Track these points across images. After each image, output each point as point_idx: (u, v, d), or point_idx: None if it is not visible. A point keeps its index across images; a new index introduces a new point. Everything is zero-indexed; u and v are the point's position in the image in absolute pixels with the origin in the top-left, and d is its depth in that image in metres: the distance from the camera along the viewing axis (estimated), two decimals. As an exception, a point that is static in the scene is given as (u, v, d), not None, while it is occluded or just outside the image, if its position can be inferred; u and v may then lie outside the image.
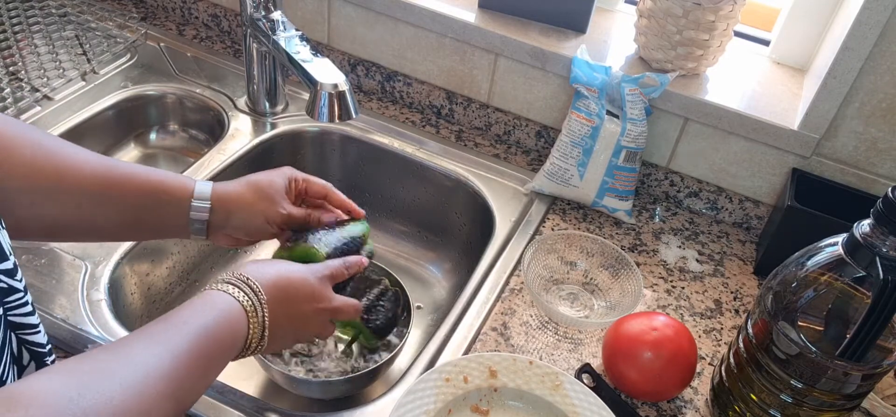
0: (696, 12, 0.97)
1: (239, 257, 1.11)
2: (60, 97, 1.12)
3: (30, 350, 0.54)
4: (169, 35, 1.32)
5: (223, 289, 0.59)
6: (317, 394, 0.87)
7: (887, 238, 0.62)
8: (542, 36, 1.10)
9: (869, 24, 0.88)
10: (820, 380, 0.68)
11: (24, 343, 0.53)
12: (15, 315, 0.52)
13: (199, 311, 0.56)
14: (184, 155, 1.24)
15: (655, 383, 0.79)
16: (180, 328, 0.54)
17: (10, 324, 0.52)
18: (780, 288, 0.70)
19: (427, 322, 1.07)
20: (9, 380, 0.50)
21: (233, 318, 0.58)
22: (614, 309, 0.93)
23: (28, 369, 0.55)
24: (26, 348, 0.54)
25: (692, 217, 1.11)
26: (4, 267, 0.50)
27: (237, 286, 0.60)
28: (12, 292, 0.51)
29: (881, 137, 0.96)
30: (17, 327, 0.52)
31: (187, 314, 0.55)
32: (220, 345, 0.56)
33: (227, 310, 0.58)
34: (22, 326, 0.52)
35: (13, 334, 0.52)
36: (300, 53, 0.91)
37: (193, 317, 0.55)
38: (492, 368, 0.79)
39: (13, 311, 0.51)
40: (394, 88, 1.25)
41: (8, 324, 0.51)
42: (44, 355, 0.55)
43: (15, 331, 0.52)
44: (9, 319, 0.51)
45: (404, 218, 1.19)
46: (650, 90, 1.02)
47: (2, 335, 0.50)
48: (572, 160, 1.04)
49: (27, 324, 0.53)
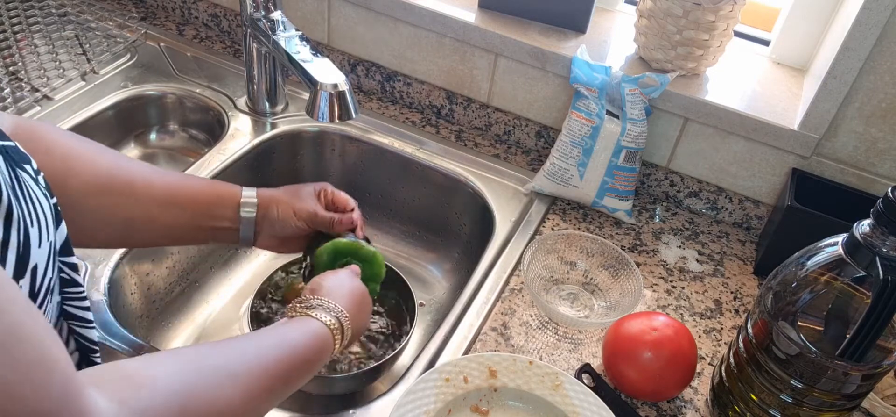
0: (696, 12, 0.97)
1: (239, 260, 1.11)
2: (60, 97, 1.12)
3: (79, 343, 0.57)
4: (169, 35, 1.32)
5: (316, 316, 0.65)
6: (317, 390, 0.87)
7: (887, 238, 0.62)
8: (542, 36, 1.10)
9: (869, 24, 0.88)
10: (820, 380, 0.68)
11: (73, 334, 0.56)
12: (72, 306, 0.54)
13: (289, 329, 0.62)
14: (184, 155, 1.24)
15: (655, 383, 0.79)
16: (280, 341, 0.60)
17: (65, 313, 0.54)
18: (780, 288, 0.70)
19: (427, 322, 1.07)
20: None
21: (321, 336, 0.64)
22: (614, 309, 0.93)
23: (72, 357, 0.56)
24: (75, 338, 0.56)
25: (692, 217, 1.11)
26: (70, 261, 0.53)
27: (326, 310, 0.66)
28: (73, 284, 0.54)
29: (881, 137, 0.96)
30: (71, 317, 0.55)
31: (285, 331, 0.62)
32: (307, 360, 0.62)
33: (317, 330, 0.64)
34: (77, 318, 0.55)
35: (66, 323, 0.55)
36: (300, 53, 0.91)
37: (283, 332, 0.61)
38: (492, 368, 0.79)
39: (71, 302, 0.54)
40: (394, 88, 1.25)
41: (63, 312, 0.54)
42: (92, 351, 0.58)
43: (68, 320, 0.55)
44: (65, 307, 0.54)
45: (404, 218, 1.19)
46: (650, 90, 1.02)
47: (55, 320, 0.53)
48: (572, 160, 1.04)
49: (82, 317, 0.56)
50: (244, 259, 1.12)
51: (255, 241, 0.79)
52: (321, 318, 0.64)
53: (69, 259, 0.53)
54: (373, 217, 1.20)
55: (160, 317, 0.99)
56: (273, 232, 0.79)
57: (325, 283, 0.69)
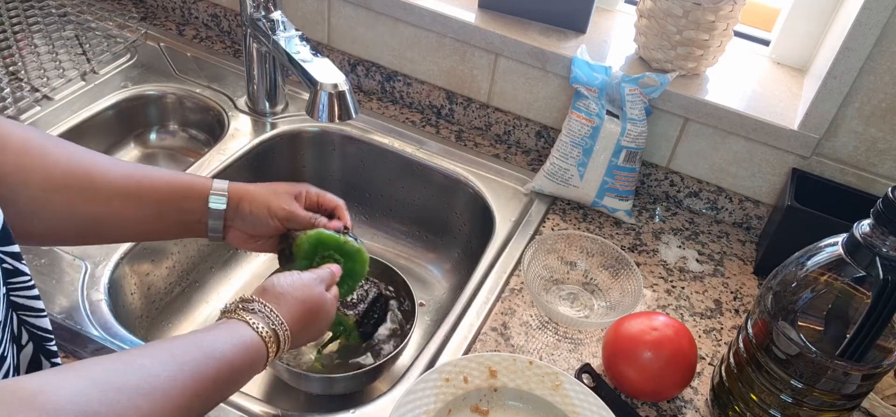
0: (696, 12, 0.97)
1: (238, 260, 1.11)
2: (60, 97, 1.12)
3: (31, 333, 0.56)
4: (169, 35, 1.32)
5: (243, 319, 0.61)
6: (318, 390, 0.87)
7: (887, 238, 0.62)
8: (542, 36, 1.10)
9: (869, 24, 0.88)
10: (820, 380, 0.68)
11: (24, 324, 0.55)
12: (19, 296, 0.53)
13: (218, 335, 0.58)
14: (184, 155, 1.24)
15: (655, 383, 0.79)
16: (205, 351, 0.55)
17: (13, 304, 0.53)
18: (780, 288, 0.70)
19: (427, 322, 1.07)
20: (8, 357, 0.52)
21: (253, 347, 0.60)
22: (614, 309, 0.93)
23: (25, 348, 0.56)
24: (27, 329, 0.55)
25: (692, 217, 1.11)
26: (11, 250, 0.52)
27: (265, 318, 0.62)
28: (18, 273, 0.53)
29: (881, 137, 0.96)
30: (19, 307, 0.54)
31: (213, 338, 0.57)
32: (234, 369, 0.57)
33: (247, 339, 0.59)
34: (25, 307, 0.54)
35: (14, 313, 0.54)
36: (300, 53, 0.91)
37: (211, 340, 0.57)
38: (492, 368, 0.79)
39: (17, 292, 0.53)
40: (394, 88, 1.25)
41: (10, 304, 0.53)
42: (46, 340, 0.57)
43: (17, 311, 0.54)
44: (11, 298, 0.53)
45: (404, 218, 1.19)
46: (650, 90, 1.02)
47: (4, 312, 0.51)
48: (572, 160, 1.04)
49: (30, 307, 0.55)
50: (244, 259, 1.12)
51: (225, 235, 0.75)
52: (256, 326, 0.60)
53: (10, 248, 0.51)
54: (373, 217, 1.20)
55: (160, 317, 0.99)
56: (244, 227, 0.75)
57: (278, 286, 0.65)
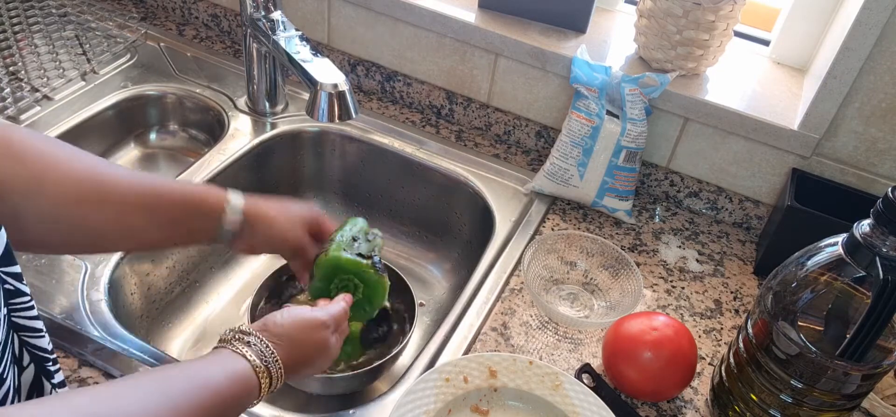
0: (696, 12, 0.97)
1: (238, 259, 1.11)
2: (60, 97, 1.12)
3: (32, 353, 0.55)
4: (169, 35, 1.32)
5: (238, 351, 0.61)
6: (318, 389, 0.87)
7: (887, 238, 0.62)
8: (542, 36, 1.10)
9: (869, 24, 0.88)
10: (820, 380, 0.68)
11: (25, 345, 0.54)
12: (20, 317, 0.53)
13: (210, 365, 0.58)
14: (184, 155, 1.24)
15: (655, 383, 0.79)
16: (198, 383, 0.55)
17: (14, 325, 0.53)
18: (780, 288, 0.70)
19: (427, 322, 1.07)
20: (8, 379, 0.51)
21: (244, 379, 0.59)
22: (614, 309, 0.93)
23: (27, 370, 0.56)
24: (28, 350, 0.55)
25: (692, 217, 1.11)
26: (12, 271, 0.52)
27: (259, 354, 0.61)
28: (19, 294, 0.52)
29: (881, 137, 0.96)
30: (20, 328, 0.53)
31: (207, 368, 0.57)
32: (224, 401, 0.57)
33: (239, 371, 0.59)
34: (26, 328, 0.54)
35: (16, 335, 0.53)
36: (300, 53, 0.91)
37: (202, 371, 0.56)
38: (492, 368, 0.79)
39: (18, 313, 0.53)
40: (394, 88, 1.25)
41: (12, 325, 0.52)
42: (46, 360, 0.56)
43: (18, 332, 0.54)
44: (13, 319, 0.53)
45: (404, 218, 1.19)
46: (650, 90, 1.02)
47: (4, 334, 0.51)
48: (572, 160, 1.04)
49: (31, 327, 0.54)
50: (244, 259, 1.12)
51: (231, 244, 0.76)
52: (251, 359, 0.60)
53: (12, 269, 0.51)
54: (373, 217, 1.20)
55: (160, 317, 0.99)
56: (253, 243, 0.77)
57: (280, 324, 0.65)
